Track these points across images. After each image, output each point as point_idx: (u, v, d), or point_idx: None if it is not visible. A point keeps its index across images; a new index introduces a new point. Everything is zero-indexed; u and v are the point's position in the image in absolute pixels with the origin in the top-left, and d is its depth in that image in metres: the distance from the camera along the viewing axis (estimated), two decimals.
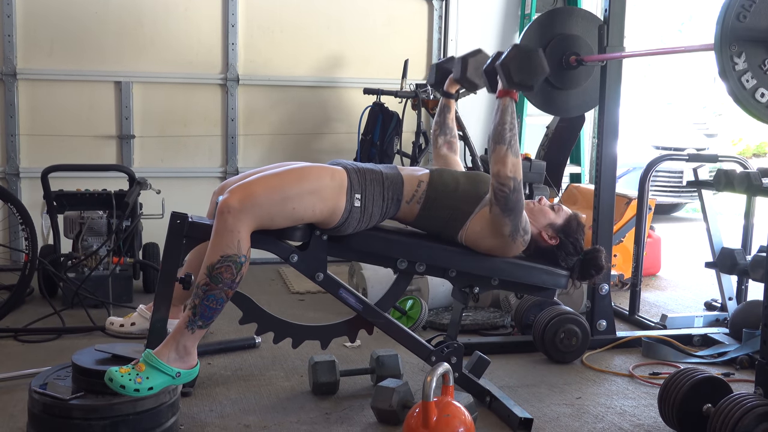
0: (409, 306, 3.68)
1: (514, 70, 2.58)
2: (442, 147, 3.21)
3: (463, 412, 2.35)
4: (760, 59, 2.34)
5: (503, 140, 2.60)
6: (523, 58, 2.59)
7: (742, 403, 2.34)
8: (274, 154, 5.33)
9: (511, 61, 2.59)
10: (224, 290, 2.44)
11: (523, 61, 2.59)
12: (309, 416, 2.72)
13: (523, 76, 2.59)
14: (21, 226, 3.58)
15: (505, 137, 2.60)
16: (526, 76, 2.60)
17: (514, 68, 2.58)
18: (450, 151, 3.21)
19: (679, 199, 8.14)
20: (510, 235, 2.66)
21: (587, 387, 3.11)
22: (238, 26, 5.29)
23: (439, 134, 3.22)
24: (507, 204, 2.62)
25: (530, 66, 2.60)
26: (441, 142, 3.21)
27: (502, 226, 2.65)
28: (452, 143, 3.22)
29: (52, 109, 5.04)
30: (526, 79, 2.60)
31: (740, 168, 3.79)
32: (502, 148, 2.61)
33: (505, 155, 2.60)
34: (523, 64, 2.59)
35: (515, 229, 2.66)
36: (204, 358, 3.21)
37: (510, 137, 2.61)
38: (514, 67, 2.58)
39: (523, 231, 2.69)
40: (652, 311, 4.31)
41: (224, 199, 2.45)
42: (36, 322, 3.63)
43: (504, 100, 2.63)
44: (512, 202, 2.62)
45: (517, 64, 2.58)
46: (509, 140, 2.60)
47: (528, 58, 2.60)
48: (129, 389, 2.31)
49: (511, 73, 2.58)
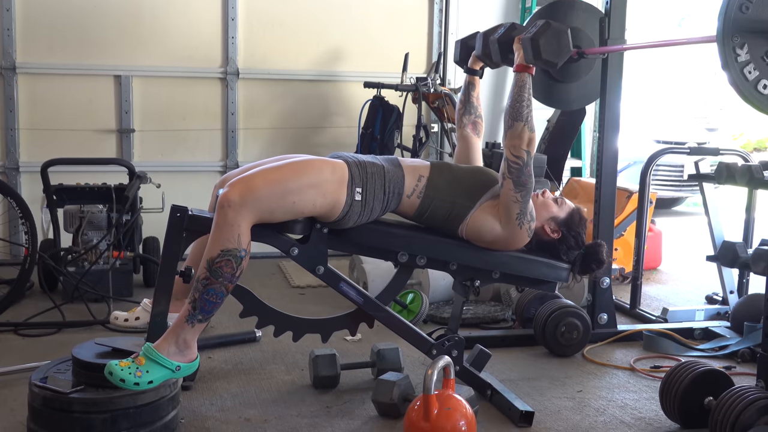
0: (409, 299, 3.68)
1: (543, 45, 2.56)
2: (467, 127, 3.14)
3: (464, 406, 2.35)
4: (762, 50, 2.33)
5: (521, 117, 2.62)
6: (553, 34, 2.58)
7: (744, 396, 2.34)
8: (274, 148, 5.31)
9: (542, 37, 2.57)
10: (224, 284, 2.44)
11: (554, 38, 2.58)
12: (310, 410, 2.72)
13: (550, 53, 2.59)
14: (21, 220, 3.58)
15: (522, 114, 2.62)
16: (554, 53, 2.59)
17: (544, 44, 2.57)
18: (474, 132, 3.14)
19: (680, 192, 8.13)
20: (518, 218, 2.65)
21: (588, 380, 3.11)
22: (238, 20, 5.27)
23: (464, 113, 3.16)
24: (520, 177, 2.63)
25: (559, 44, 2.59)
26: (466, 121, 3.15)
27: (511, 206, 2.64)
28: (477, 123, 3.16)
29: (51, 103, 5.03)
30: (553, 57, 2.60)
31: (742, 161, 3.79)
32: (519, 124, 2.62)
33: (522, 131, 2.62)
34: (552, 40, 2.58)
35: (524, 211, 2.65)
36: (204, 351, 3.20)
37: (527, 114, 2.62)
38: (543, 42, 2.57)
39: (530, 216, 2.69)
40: (653, 305, 4.31)
41: (224, 193, 2.45)
42: (36, 316, 3.62)
43: (522, 76, 2.63)
44: (525, 175, 2.63)
45: (547, 41, 2.57)
46: (526, 116, 2.62)
47: (557, 37, 2.59)
48: (129, 383, 2.31)
49: (540, 49, 2.57)
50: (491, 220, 2.68)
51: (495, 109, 5.85)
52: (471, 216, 2.70)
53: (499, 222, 2.68)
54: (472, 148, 3.12)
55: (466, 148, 3.12)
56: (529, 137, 2.63)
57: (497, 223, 2.68)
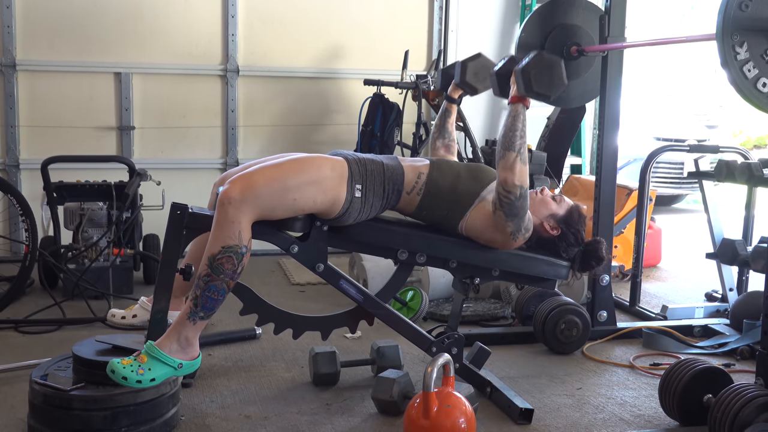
0: (409, 297, 3.67)
1: (534, 77, 2.52)
2: (440, 149, 3.19)
3: (464, 403, 2.35)
4: (762, 49, 2.33)
5: (513, 147, 2.57)
6: (546, 67, 2.53)
7: (743, 394, 2.34)
8: (275, 146, 5.31)
9: (533, 69, 2.53)
10: (225, 281, 2.44)
11: (546, 70, 2.53)
12: (310, 407, 2.73)
13: (542, 85, 2.53)
14: (21, 217, 3.58)
15: (515, 144, 2.57)
16: (546, 86, 2.54)
17: (535, 76, 2.52)
18: (447, 153, 3.19)
19: (680, 190, 8.13)
20: (511, 234, 2.66)
21: (588, 378, 3.11)
22: (238, 17, 5.27)
23: (438, 137, 3.20)
24: (512, 210, 2.61)
25: (551, 76, 2.54)
26: (439, 144, 3.20)
27: (504, 228, 2.65)
28: (450, 146, 3.20)
29: (51, 100, 5.03)
30: (545, 89, 2.54)
31: (741, 159, 3.79)
32: (511, 155, 2.57)
33: (514, 163, 2.57)
34: (544, 73, 2.53)
35: (517, 229, 2.65)
36: (205, 349, 3.21)
37: (520, 145, 2.57)
38: (535, 74, 2.52)
39: (525, 230, 2.68)
40: (653, 302, 4.31)
41: (225, 190, 2.45)
42: (36, 314, 3.63)
43: (516, 107, 2.58)
44: (517, 208, 2.61)
45: (539, 73, 2.52)
46: (519, 148, 2.57)
47: (550, 68, 2.54)
48: (131, 380, 2.32)
49: (531, 81, 2.52)
50: (489, 219, 2.68)
51: (495, 106, 5.85)
52: (470, 214, 2.70)
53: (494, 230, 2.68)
54: None
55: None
56: (521, 170, 2.58)
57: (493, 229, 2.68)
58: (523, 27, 3.73)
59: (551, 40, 3.70)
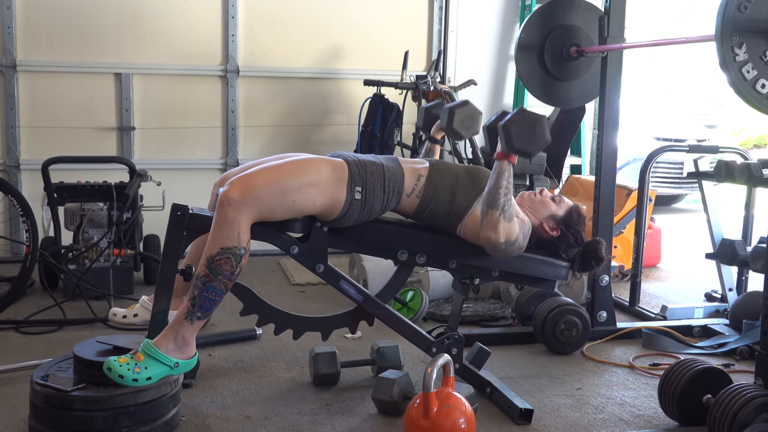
0: (409, 297, 3.67)
1: (515, 135, 2.51)
2: None
3: (464, 403, 2.36)
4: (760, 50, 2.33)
5: (496, 205, 2.56)
6: (526, 124, 2.52)
7: (742, 394, 2.35)
8: (275, 146, 5.32)
9: (513, 126, 2.52)
10: (224, 282, 2.45)
11: (525, 127, 2.52)
12: (310, 407, 2.73)
13: (521, 142, 2.52)
14: (22, 218, 3.59)
15: (498, 202, 2.56)
16: (526, 143, 2.53)
17: (515, 133, 2.51)
18: None
19: (680, 190, 8.13)
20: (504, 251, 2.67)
21: (587, 378, 3.12)
22: (238, 18, 5.27)
23: None
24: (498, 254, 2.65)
25: (532, 134, 2.52)
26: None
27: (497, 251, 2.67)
28: None
29: (52, 100, 5.04)
30: (525, 146, 2.53)
31: (741, 159, 3.79)
32: (494, 213, 2.56)
33: (497, 221, 2.56)
34: (524, 130, 2.52)
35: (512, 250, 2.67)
36: (205, 349, 3.21)
37: (504, 202, 2.56)
38: (515, 132, 2.51)
39: (519, 248, 2.69)
40: (653, 302, 4.32)
41: (224, 191, 2.45)
42: (37, 314, 3.63)
43: (501, 163, 2.56)
44: (504, 253, 2.64)
45: (517, 130, 2.51)
46: (503, 205, 2.56)
47: (531, 126, 2.52)
48: (127, 379, 2.32)
49: (511, 138, 2.51)
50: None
51: (494, 106, 5.85)
52: (469, 216, 2.70)
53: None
54: None
55: None
56: (505, 227, 2.57)
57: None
58: (523, 27, 3.74)
59: (551, 41, 3.71)
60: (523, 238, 2.68)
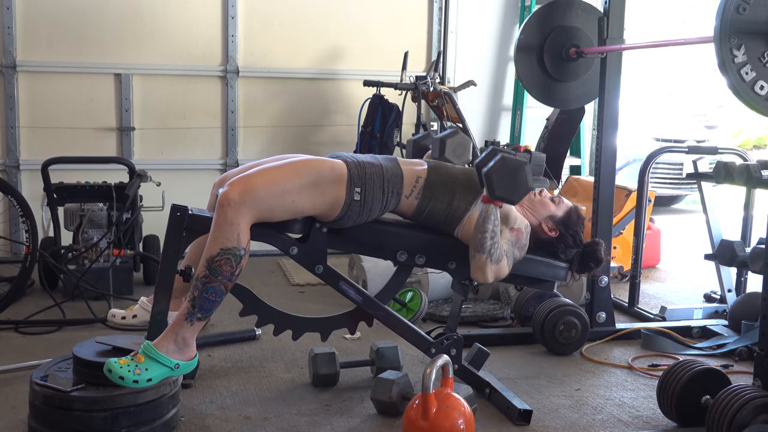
0: (408, 298, 3.68)
1: (496, 183, 2.53)
2: None
3: (463, 404, 2.36)
4: (759, 52, 2.34)
5: (483, 249, 2.59)
6: (506, 172, 2.53)
7: (741, 395, 2.35)
8: (274, 147, 5.32)
9: (494, 174, 2.53)
10: (223, 283, 2.45)
11: (506, 175, 2.53)
12: (309, 408, 2.73)
13: (503, 191, 2.54)
14: (21, 218, 3.59)
15: (484, 246, 2.58)
16: (507, 191, 2.54)
17: (497, 181, 2.53)
18: None
19: (679, 191, 8.13)
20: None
21: (586, 379, 3.12)
22: (238, 18, 5.27)
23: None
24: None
25: (513, 182, 2.54)
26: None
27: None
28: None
29: (52, 101, 5.04)
30: (507, 195, 2.55)
31: (740, 160, 3.80)
32: (481, 257, 2.60)
33: (484, 264, 2.60)
34: (504, 178, 2.53)
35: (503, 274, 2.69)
36: (204, 350, 3.22)
37: (490, 246, 2.58)
38: (497, 180, 2.53)
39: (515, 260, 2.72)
40: (652, 303, 4.32)
41: (224, 192, 2.46)
42: (37, 314, 3.64)
43: (488, 207, 2.59)
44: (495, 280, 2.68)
45: (499, 178, 2.53)
46: (489, 249, 2.58)
47: (512, 175, 2.53)
48: (128, 380, 2.32)
49: (493, 186, 2.54)
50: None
51: (494, 107, 5.86)
52: (467, 218, 2.71)
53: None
54: None
55: None
56: (492, 269, 2.61)
57: None
58: (523, 28, 3.75)
59: (550, 42, 3.71)
60: (519, 251, 2.72)
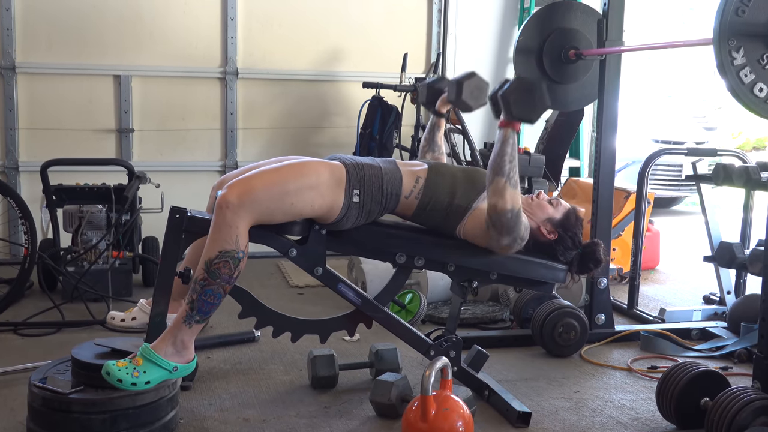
0: (408, 300, 3.69)
1: (513, 103, 2.55)
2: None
3: (462, 406, 2.36)
4: (758, 54, 2.33)
5: (502, 172, 2.58)
6: (524, 91, 2.55)
7: (740, 397, 2.35)
8: (274, 148, 5.32)
9: (512, 94, 2.55)
10: (222, 285, 2.45)
11: (524, 94, 2.55)
12: (308, 410, 2.73)
13: (522, 110, 2.55)
14: (20, 220, 3.58)
15: (504, 169, 2.58)
16: (526, 110, 2.56)
17: (514, 101, 2.55)
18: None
19: (678, 192, 8.13)
20: (507, 245, 2.68)
21: (586, 381, 3.12)
22: (237, 20, 5.28)
23: (428, 150, 3.23)
24: (503, 229, 2.63)
25: (531, 100, 2.56)
26: (429, 157, 3.22)
27: (499, 241, 2.67)
28: (440, 159, 3.23)
29: (51, 102, 5.04)
30: (525, 113, 2.57)
31: (739, 162, 3.80)
32: (500, 180, 2.58)
33: (504, 188, 2.58)
34: (523, 97, 2.55)
35: (512, 241, 2.67)
36: (203, 351, 3.21)
37: (509, 169, 2.58)
38: (513, 99, 2.55)
39: (521, 239, 2.69)
40: (651, 305, 4.32)
41: (223, 195, 2.46)
42: (35, 316, 3.63)
43: (505, 131, 2.59)
44: (509, 227, 2.62)
45: (517, 98, 2.54)
46: (508, 172, 2.58)
47: (529, 92, 2.55)
48: (126, 383, 2.32)
49: (510, 106, 2.55)
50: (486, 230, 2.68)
51: None
52: (468, 216, 2.71)
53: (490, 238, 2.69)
54: None
55: None
56: (511, 194, 2.59)
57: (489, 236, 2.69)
58: (522, 30, 3.75)
59: (549, 44, 3.71)
60: (524, 229, 2.69)
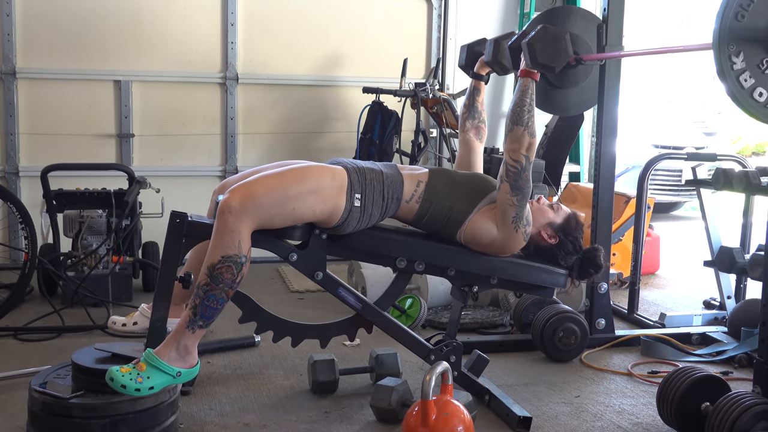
0: (408, 304, 3.68)
1: (539, 50, 2.62)
2: (470, 131, 3.17)
3: (462, 411, 2.36)
4: (758, 58, 2.33)
5: (521, 121, 2.65)
6: (550, 39, 2.63)
7: (740, 402, 2.35)
8: (274, 153, 5.33)
9: (537, 42, 2.63)
10: (225, 290, 2.45)
11: (550, 42, 2.63)
12: (308, 415, 2.73)
13: (546, 58, 2.64)
14: (20, 225, 3.59)
15: (523, 118, 2.65)
16: (550, 58, 2.65)
17: (540, 48, 2.63)
18: (476, 137, 3.17)
19: (678, 197, 8.14)
20: (514, 221, 2.68)
21: (586, 386, 3.12)
22: (238, 25, 5.29)
23: (468, 117, 3.18)
24: (517, 181, 2.66)
25: (555, 48, 2.64)
26: (469, 126, 3.17)
27: (507, 209, 2.67)
28: (480, 128, 3.19)
29: (51, 107, 5.04)
30: (549, 61, 2.65)
31: (739, 167, 3.80)
32: (519, 129, 2.66)
33: (522, 135, 2.65)
34: (548, 45, 2.63)
35: (519, 215, 2.68)
36: (203, 356, 3.21)
37: (528, 118, 2.66)
38: (539, 47, 2.63)
39: (527, 221, 2.71)
40: (651, 310, 4.32)
41: (225, 200, 2.46)
42: (36, 321, 3.63)
43: (525, 81, 2.68)
44: (522, 179, 2.66)
45: (543, 45, 2.63)
46: (527, 121, 2.65)
47: (554, 41, 2.64)
48: (130, 389, 2.32)
49: (536, 54, 2.63)
50: (488, 224, 2.70)
51: (493, 114, 5.86)
52: (469, 221, 2.71)
53: (495, 225, 2.70)
54: (474, 152, 3.15)
55: (468, 152, 3.15)
56: (529, 142, 2.66)
57: (494, 227, 2.70)
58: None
59: None
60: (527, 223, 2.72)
